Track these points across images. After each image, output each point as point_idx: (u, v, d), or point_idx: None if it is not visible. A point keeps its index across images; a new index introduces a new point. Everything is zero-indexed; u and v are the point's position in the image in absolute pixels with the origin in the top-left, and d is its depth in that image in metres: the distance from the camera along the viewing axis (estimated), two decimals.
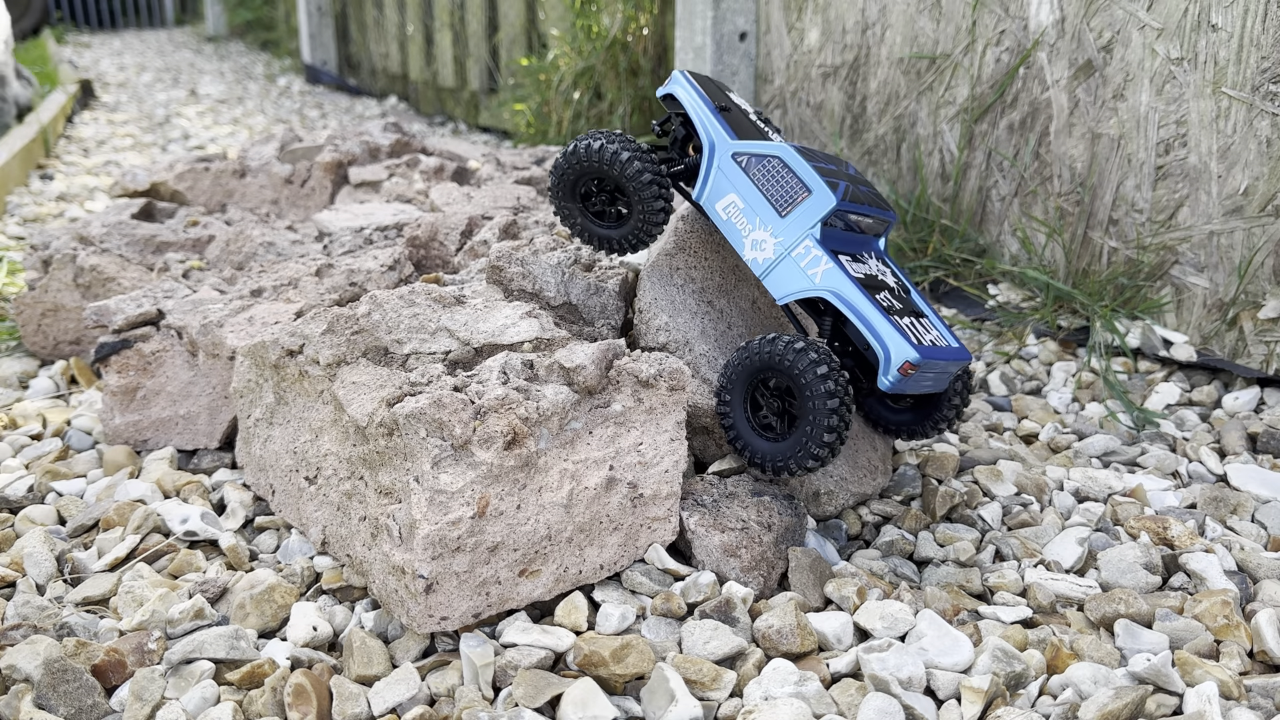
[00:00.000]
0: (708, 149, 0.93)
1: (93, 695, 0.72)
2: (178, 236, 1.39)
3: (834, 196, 0.87)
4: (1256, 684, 0.73)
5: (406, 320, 0.91)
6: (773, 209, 0.90)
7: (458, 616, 0.76)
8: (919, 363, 0.83)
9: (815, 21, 1.74)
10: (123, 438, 1.09)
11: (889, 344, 0.83)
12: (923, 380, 0.87)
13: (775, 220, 0.90)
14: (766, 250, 0.90)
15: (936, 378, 0.88)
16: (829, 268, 0.87)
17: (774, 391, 0.88)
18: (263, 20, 5.35)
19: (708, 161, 0.93)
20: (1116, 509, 0.96)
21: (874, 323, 0.85)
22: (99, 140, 2.90)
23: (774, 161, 0.90)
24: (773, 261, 0.90)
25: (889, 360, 0.83)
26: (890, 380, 0.84)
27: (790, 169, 0.89)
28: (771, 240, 0.90)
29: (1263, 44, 1.15)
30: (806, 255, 0.88)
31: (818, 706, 0.71)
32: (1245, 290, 1.21)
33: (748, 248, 0.92)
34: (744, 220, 0.92)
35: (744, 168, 0.92)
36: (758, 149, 0.91)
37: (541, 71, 2.43)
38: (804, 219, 0.88)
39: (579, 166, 0.96)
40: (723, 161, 0.93)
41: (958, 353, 0.88)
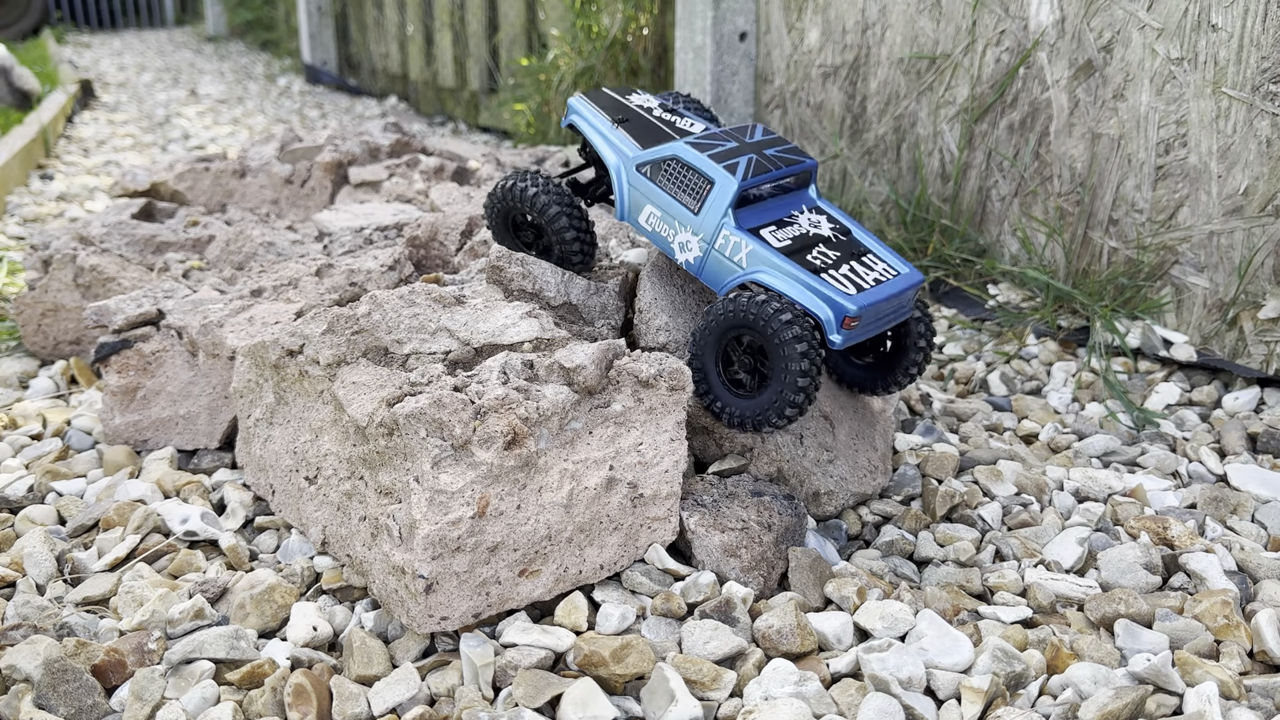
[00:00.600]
0: (614, 170, 0.96)
1: (93, 695, 0.72)
2: (178, 236, 1.39)
3: (735, 179, 0.88)
4: (1256, 684, 0.73)
5: (406, 320, 0.91)
6: (686, 209, 0.91)
7: (458, 616, 0.76)
8: (859, 313, 0.83)
9: (815, 21, 1.74)
10: (123, 438, 1.09)
11: (824, 308, 0.84)
12: (877, 322, 0.87)
13: (692, 219, 0.91)
14: (693, 249, 0.92)
15: (895, 311, 0.89)
16: (751, 249, 0.87)
17: (746, 349, 0.88)
18: (263, 20, 5.35)
19: (617, 181, 0.95)
20: (1116, 509, 0.96)
21: (803, 294, 0.85)
22: (99, 140, 2.90)
23: (673, 163, 0.91)
24: (701, 259, 0.91)
25: (829, 321, 0.84)
26: (838, 338, 0.84)
27: (689, 165, 0.90)
28: (695, 239, 0.91)
29: (1263, 44, 1.15)
30: (728, 244, 0.89)
31: (818, 706, 0.71)
32: (1245, 290, 1.21)
33: (678, 253, 0.93)
34: (666, 227, 0.93)
35: (650, 177, 0.93)
36: (656, 155, 0.93)
37: (541, 71, 2.43)
38: (715, 209, 0.89)
39: (503, 204, 1.02)
40: (630, 177, 0.95)
41: (905, 279, 0.88)
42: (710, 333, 0.88)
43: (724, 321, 0.87)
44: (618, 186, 0.96)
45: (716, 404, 0.90)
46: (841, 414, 1.02)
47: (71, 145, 2.81)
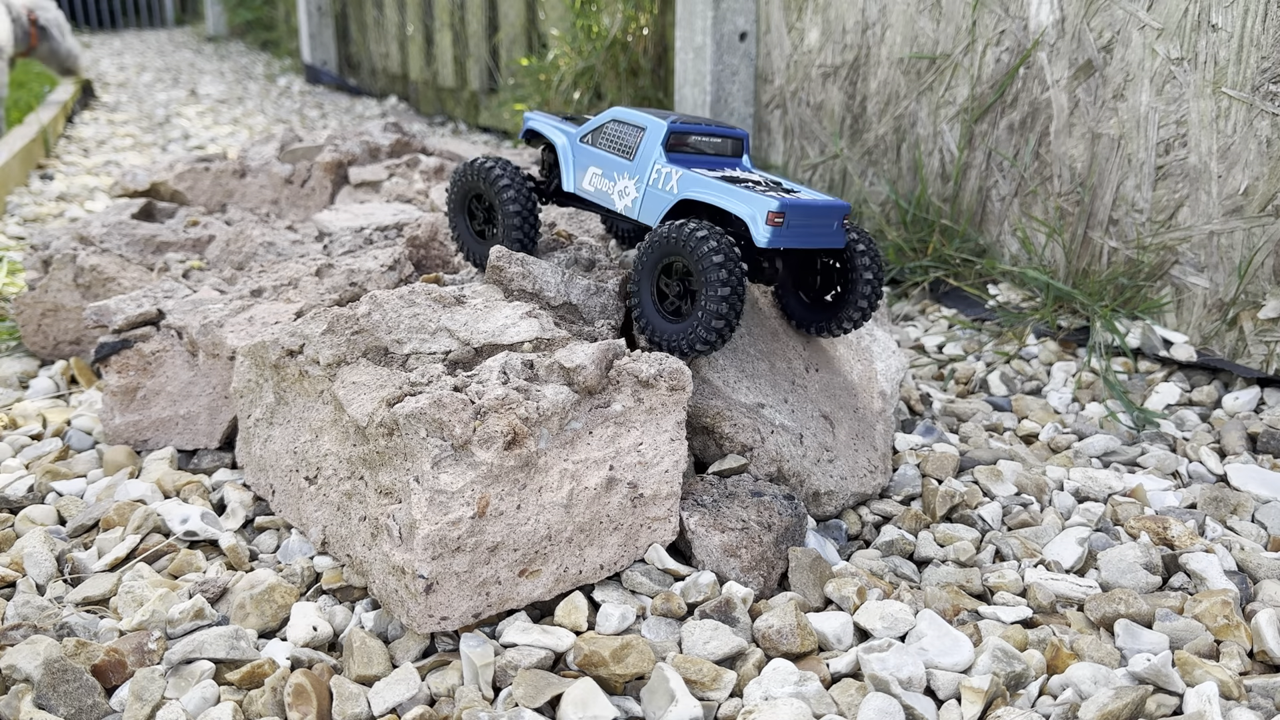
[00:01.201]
0: (561, 150, 1.04)
1: (93, 695, 0.72)
2: (178, 236, 1.39)
3: (665, 121, 0.95)
4: (1256, 684, 0.73)
5: (406, 320, 0.91)
6: (624, 159, 0.98)
7: (458, 616, 0.76)
8: (782, 208, 0.87)
9: (815, 21, 1.74)
10: (123, 438, 1.09)
11: (746, 206, 0.88)
12: (804, 232, 0.90)
13: (629, 166, 0.97)
14: (631, 192, 0.97)
15: (823, 230, 0.92)
16: (681, 175, 0.93)
17: (677, 275, 0.91)
18: (263, 20, 5.35)
19: (564, 158, 1.04)
20: (1116, 509, 0.96)
21: (728, 199, 0.89)
22: (99, 140, 2.90)
23: (610, 124, 1.00)
24: (639, 199, 0.97)
25: (753, 219, 0.87)
26: (764, 234, 0.87)
27: (624, 121, 0.98)
28: (631, 183, 0.97)
29: (1263, 44, 1.15)
30: (660, 176, 0.95)
31: (818, 706, 0.71)
32: (1245, 290, 1.21)
33: (617, 202, 0.99)
34: (606, 182, 1.00)
35: (591, 143, 1.02)
36: (595, 123, 1.01)
37: (541, 71, 2.43)
38: (649, 151, 0.96)
39: (465, 182, 1.08)
40: (574, 149, 1.03)
41: (831, 201, 0.92)
42: (644, 262, 0.92)
43: (655, 250, 0.91)
44: (564, 160, 1.04)
45: (649, 329, 0.93)
46: (841, 414, 1.02)
47: (71, 145, 2.81)
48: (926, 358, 1.37)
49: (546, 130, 1.07)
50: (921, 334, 1.44)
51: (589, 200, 1.03)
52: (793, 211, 0.88)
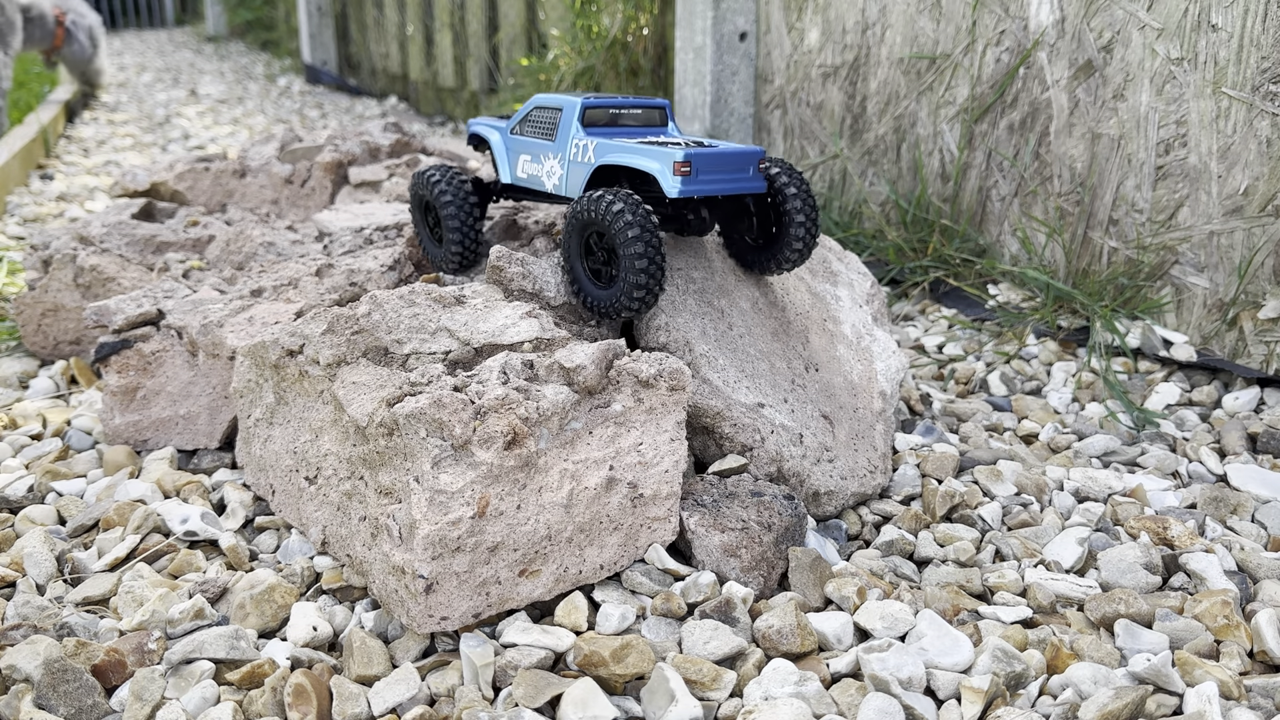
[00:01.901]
0: (495, 146, 1.10)
1: (93, 695, 0.72)
2: (178, 236, 1.39)
3: (579, 99, 0.99)
4: (1256, 684, 0.73)
5: (406, 320, 0.91)
6: (547, 141, 1.03)
7: (458, 616, 0.76)
8: (687, 159, 0.90)
9: (815, 21, 1.74)
10: (123, 438, 1.09)
11: (654, 161, 0.92)
12: (716, 180, 0.94)
13: (551, 146, 1.02)
14: (556, 171, 1.02)
15: (737, 174, 0.95)
16: (597, 143, 0.97)
17: (601, 244, 0.95)
18: (263, 20, 5.34)
19: (498, 153, 1.09)
20: (1116, 509, 0.96)
21: (637, 158, 0.93)
22: (99, 140, 2.90)
23: (534, 111, 1.05)
24: (564, 175, 1.01)
25: (662, 172, 0.91)
26: (674, 185, 0.91)
27: (543, 106, 1.03)
28: (555, 161, 1.02)
29: (1263, 44, 1.15)
30: (579, 149, 0.99)
31: (818, 706, 0.71)
32: (1245, 290, 1.21)
33: (547, 182, 1.04)
34: (536, 165, 1.05)
35: (519, 133, 1.07)
36: (521, 113, 1.07)
37: (541, 71, 2.43)
38: (567, 128, 1.00)
39: (415, 191, 1.13)
40: (505, 142, 1.09)
41: (743, 148, 0.95)
42: (569, 234, 0.97)
43: (576, 222, 0.95)
44: (498, 155, 1.09)
45: (585, 297, 0.98)
46: (841, 414, 1.02)
47: (71, 145, 2.82)
48: (926, 358, 1.37)
49: (483, 131, 1.12)
50: (921, 334, 1.44)
51: (528, 188, 1.08)
52: (699, 160, 0.91)
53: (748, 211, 1.04)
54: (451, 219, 1.08)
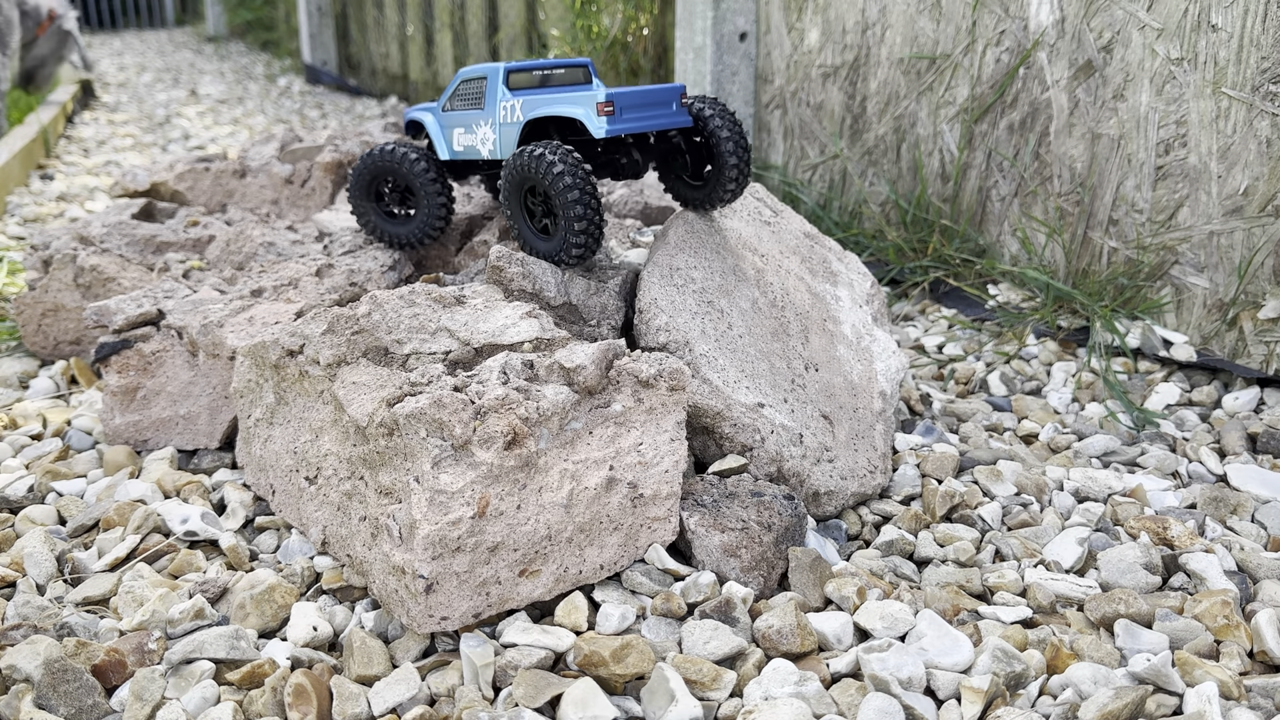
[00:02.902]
0: (430, 126, 1.13)
1: (93, 695, 0.72)
2: (178, 236, 1.39)
3: (501, 65, 1.04)
4: (1256, 684, 0.73)
5: (406, 320, 0.91)
6: (475, 110, 1.07)
7: (458, 616, 0.76)
8: (609, 98, 0.96)
9: (815, 21, 1.74)
10: (123, 438, 1.09)
11: (577, 106, 0.97)
12: (640, 117, 0.99)
13: (481, 114, 1.07)
14: (490, 137, 1.07)
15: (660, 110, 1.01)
16: (523, 101, 1.02)
17: (540, 197, 1.00)
18: (263, 20, 5.34)
19: (434, 132, 1.13)
20: (1116, 509, 0.96)
21: (562, 105, 0.98)
22: (99, 140, 2.90)
23: (460, 85, 1.09)
24: (498, 139, 1.06)
25: (586, 115, 0.97)
26: (600, 125, 0.96)
27: (469, 78, 1.08)
28: (488, 127, 1.07)
29: (1263, 44, 1.15)
30: (508, 110, 1.04)
31: (818, 706, 0.71)
32: (1245, 290, 1.21)
33: (483, 150, 1.08)
34: (470, 136, 1.09)
35: (451, 110, 1.11)
36: (449, 90, 1.10)
37: None
38: (494, 94, 1.05)
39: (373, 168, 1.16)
40: (440, 119, 1.12)
41: (663, 86, 1.01)
42: (509, 189, 1.01)
43: (515, 177, 0.99)
44: (435, 134, 1.13)
45: (527, 247, 1.03)
46: (841, 414, 1.02)
47: (71, 145, 2.82)
48: (926, 358, 1.37)
49: (418, 116, 1.16)
50: (921, 334, 1.44)
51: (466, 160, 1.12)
52: (621, 98, 0.97)
53: (680, 151, 1.08)
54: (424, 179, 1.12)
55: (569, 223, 0.96)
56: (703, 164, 1.08)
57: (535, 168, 0.95)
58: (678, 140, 1.07)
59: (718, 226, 1.12)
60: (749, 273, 1.09)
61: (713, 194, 1.07)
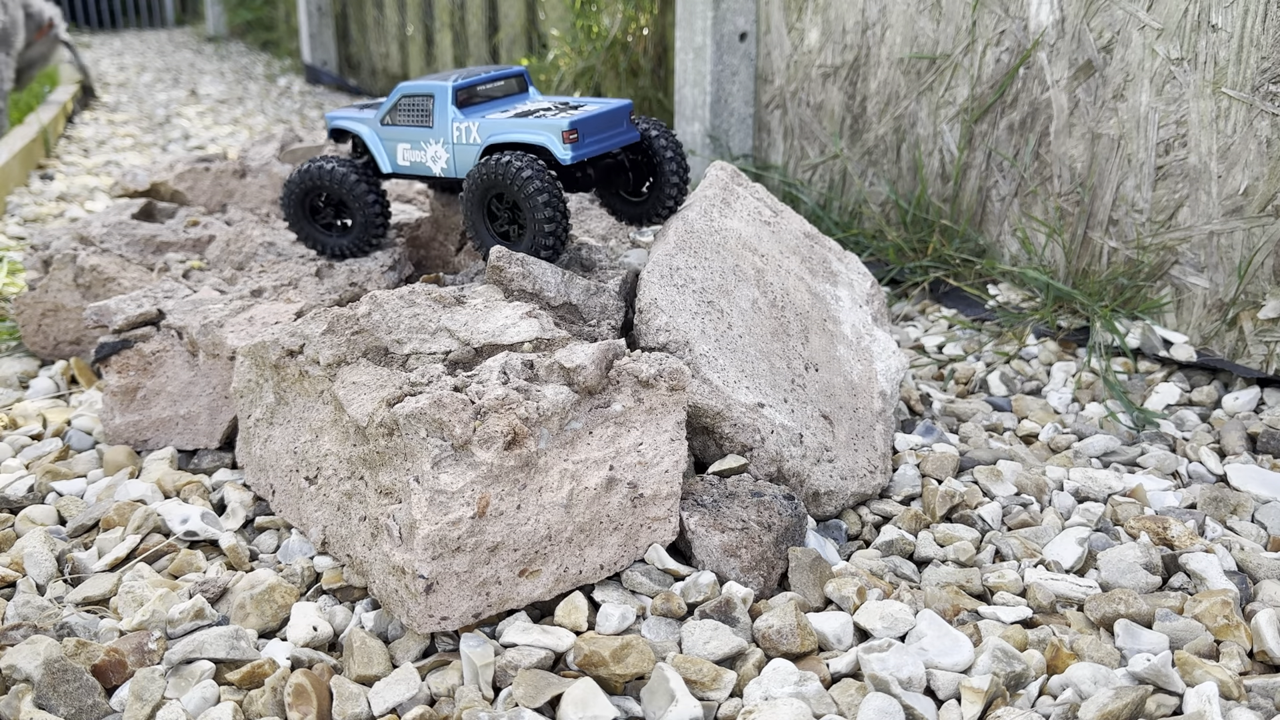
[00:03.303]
0: (368, 138, 1.14)
1: (93, 695, 0.72)
2: (178, 236, 1.39)
3: (448, 82, 1.07)
4: (1256, 684, 0.73)
5: (406, 320, 0.91)
6: (424, 128, 1.09)
7: (458, 616, 0.76)
8: (573, 126, 1.00)
9: (815, 22, 1.74)
10: (123, 438, 1.09)
11: (543, 134, 1.01)
12: (600, 139, 1.04)
13: (431, 132, 1.09)
14: (441, 156, 1.09)
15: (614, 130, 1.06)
16: (479, 123, 1.05)
17: (505, 204, 1.03)
18: (263, 20, 5.34)
19: (373, 145, 1.14)
20: (1116, 509, 0.96)
21: (527, 133, 1.02)
22: (99, 140, 2.90)
23: (403, 100, 1.10)
24: (451, 159, 1.08)
25: (552, 142, 1.01)
26: (566, 153, 1.00)
27: (412, 94, 1.09)
28: (439, 146, 1.09)
29: (1263, 44, 1.15)
30: (462, 132, 1.06)
31: (818, 706, 0.71)
32: (1245, 290, 1.21)
33: (434, 167, 1.10)
34: (418, 152, 1.11)
35: (392, 124, 1.12)
36: (389, 103, 1.11)
37: (541, 72, 2.43)
38: (443, 113, 1.07)
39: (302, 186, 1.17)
40: (379, 133, 1.13)
41: (613, 104, 1.06)
42: (472, 196, 1.04)
43: (480, 185, 1.02)
44: (374, 148, 1.14)
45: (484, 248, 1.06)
46: (841, 414, 1.02)
47: (71, 145, 2.82)
48: (926, 358, 1.37)
49: (349, 125, 1.17)
50: (921, 334, 1.44)
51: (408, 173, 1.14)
52: (583, 125, 1.01)
53: (624, 168, 1.13)
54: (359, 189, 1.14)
55: (538, 225, 1.00)
56: (642, 180, 1.13)
57: (505, 176, 0.99)
58: (621, 157, 1.12)
59: (718, 226, 1.12)
60: (749, 273, 1.09)
61: (651, 209, 1.12)
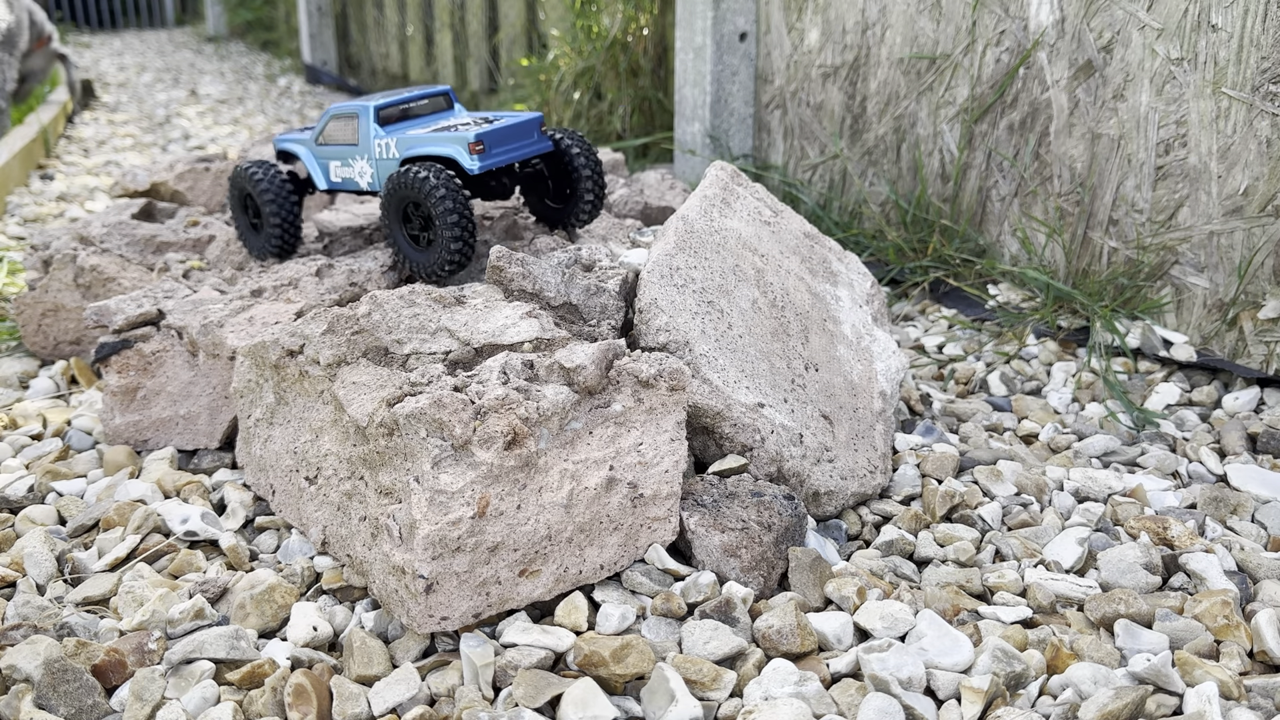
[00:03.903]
0: (305, 158, 1.22)
1: (93, 695, 0.72)
2: (178, 236, 1.39)
3: (371, 102, 1.14)
4: (1256, 684, 0.73)
5: (406, 320, 0.91)
6: (351, 146, 1.17)
7: (458, 616, 0.76)
8: (478, 138, 1.07)
9: (815, 22, 1.74)
10: (123, 438, 1.09)
11: (451, 146, 1.08)
12: (507, 150, 1.10)
13: (357, 149, 1.16)
14: (367, 172, 1.16)
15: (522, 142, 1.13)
16: (398, 139, 1.12)
17: (419, 212, 1.08)
18: (263, 20, 5.34)
19: (309, 163, 1.22)
20: (1116, 509, 0.96)
21: (436, 146, 1.09)
22: (99, 140, 2.90)
23: (332, 122, 1.18)
24: (375, 174, 1.16)
25: (459, 153, 1.07)
26: (474, 163, 1.07)
27: (340, 115, 1.17)
28: (364, 162, 1.16)
29: (1263, 44, 1.15)
30: (383, 148, 1.13)
31: (818, 706, 0.71)
32: (1245, 290, 1.21)
33: (361, 181, 1.18)
34: (348, 169, 1.19)
35: (325, 143, 1.19)
36: (320, 125, 1.19)
37: (541, 72, 2.42)
38: (366, 130, 1.14)
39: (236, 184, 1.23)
40: (315, 152, 1.21)
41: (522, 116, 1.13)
42: (389, 206, 1.10)
43: (395, 195, 1.08)
44: (311, 166, 1.21)
45: (406, 260, 1.12)
46: (841, 414, 1.02)
47: (71, 145, 2.82)
48: (926, 358, 1.37)
49: (290, 147, 1.25)
50: (921, 334, 1.44)
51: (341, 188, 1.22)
52: (489, 137, 1.08)
53: (543, 176, 1.21)
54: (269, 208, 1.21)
55: (448, 238, 1.05)
56: (562, 188, 1.20)
57: (418, 189, 1.05)
58: (540, 166, 1.20)
59: (718, 226, 1.12)
60: (749, 273, 1.09)
61: (571, 213, 1.19)
